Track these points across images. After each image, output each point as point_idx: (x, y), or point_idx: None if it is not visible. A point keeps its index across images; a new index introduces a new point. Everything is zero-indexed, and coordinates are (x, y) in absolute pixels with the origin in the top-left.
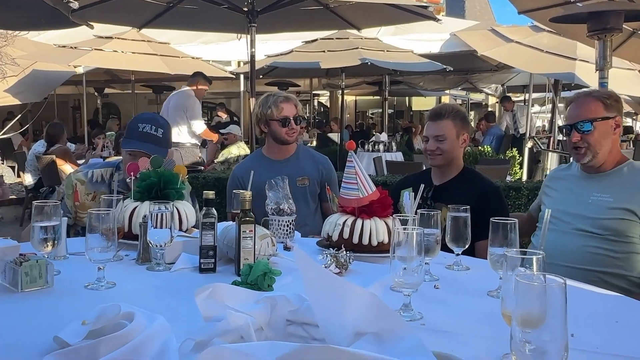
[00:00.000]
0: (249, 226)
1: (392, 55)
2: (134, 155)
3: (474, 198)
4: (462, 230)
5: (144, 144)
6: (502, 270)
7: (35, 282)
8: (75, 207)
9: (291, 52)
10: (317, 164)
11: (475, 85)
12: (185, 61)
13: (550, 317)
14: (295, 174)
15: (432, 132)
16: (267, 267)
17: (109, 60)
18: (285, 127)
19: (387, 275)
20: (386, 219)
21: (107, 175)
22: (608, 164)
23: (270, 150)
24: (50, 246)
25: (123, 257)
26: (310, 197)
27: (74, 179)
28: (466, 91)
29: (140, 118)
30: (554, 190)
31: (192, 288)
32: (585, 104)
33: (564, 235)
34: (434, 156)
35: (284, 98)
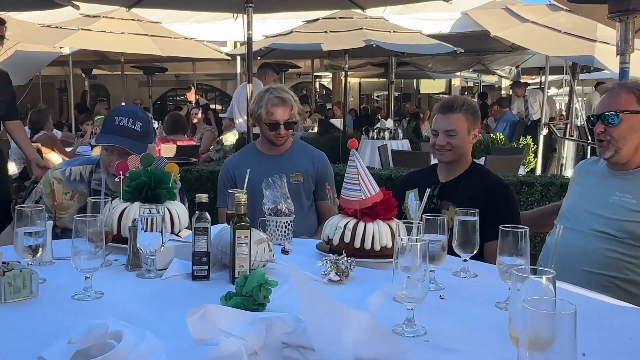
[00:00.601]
0: (244, 232)
1: (399, 36)
2: (110, 150)
3: (482, 196)
4: (470, 235)
5: (119, 137)
6: (511, 283)
7: (19, 293)
8: (54, 206)
9: (291, 32)
10: (312, 160)
11: (488, 67)
12: (178, 42)
13: (559, 342)
14: (289, 170)
15: (442, 126)
16: (263, 277)
17: (97, 42)
18: (273, 131)
19: (389, 282)
20: (390, 221)
21: (87, 173)
22: (634, 162)
23: (264, 144)
24: (35, 253)
25: (112, 263)
26: (304, 194)
27: (51, 177)
28: (478, 73)
29: (118, 111)
30: (578, 185)
31: (184, 298)
32: (616, 94)
33: (580, 235)
34: (443, 152)
35: (278, 100)
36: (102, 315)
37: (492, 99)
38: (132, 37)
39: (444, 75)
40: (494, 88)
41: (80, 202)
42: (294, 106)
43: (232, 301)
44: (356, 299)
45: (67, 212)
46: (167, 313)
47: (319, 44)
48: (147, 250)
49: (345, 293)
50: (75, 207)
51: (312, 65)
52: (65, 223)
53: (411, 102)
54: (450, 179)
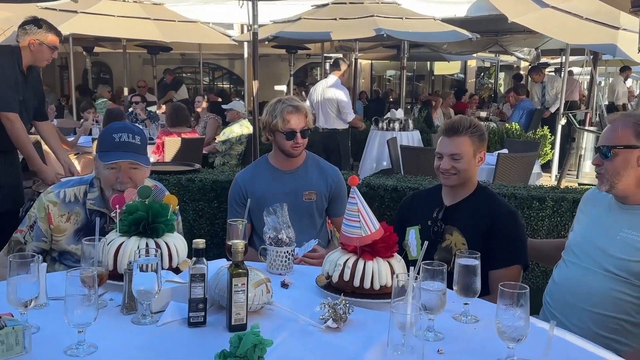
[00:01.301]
0: (242, 279)
1: (411, 23)
2: (116, 168)
3: (488, 222)
4: (472, 279)
5: (124, 153)
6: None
7: (11, 350)
8: (50, 230)
9: (299, 19)
10: (326, 177)
11: (506, 49)
12: (182, 26)
13: None
14: (302, 188)
15: (446, 149)
16: (257, 338)
17: (97, 27)
18: (291, 140)
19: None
20: (390, 259)
21: (81, 193)
22: (638, 197)
23: (277, 159)
24: (29, 305)
25: (107, 304)
26: (317, 213)
27: (45, 201)
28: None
29: (113, 128)
30: (585, 216)
31: (178, 349)
32: (614, 127)
33: (588, 273)
34: (448, 175)
35: (292, 108)
36: None
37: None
38: (134, 21)
39: (459, 57)
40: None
41: (77, 224)
42: (308, 114)
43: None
44: (353, 350)
45: (63, 234)
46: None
47: (328, 33)
48: (142, 297)
49: (343, 343)
50: (72, 229)
51: (322, 47)
52: (63, 245)
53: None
54: (454, 202)
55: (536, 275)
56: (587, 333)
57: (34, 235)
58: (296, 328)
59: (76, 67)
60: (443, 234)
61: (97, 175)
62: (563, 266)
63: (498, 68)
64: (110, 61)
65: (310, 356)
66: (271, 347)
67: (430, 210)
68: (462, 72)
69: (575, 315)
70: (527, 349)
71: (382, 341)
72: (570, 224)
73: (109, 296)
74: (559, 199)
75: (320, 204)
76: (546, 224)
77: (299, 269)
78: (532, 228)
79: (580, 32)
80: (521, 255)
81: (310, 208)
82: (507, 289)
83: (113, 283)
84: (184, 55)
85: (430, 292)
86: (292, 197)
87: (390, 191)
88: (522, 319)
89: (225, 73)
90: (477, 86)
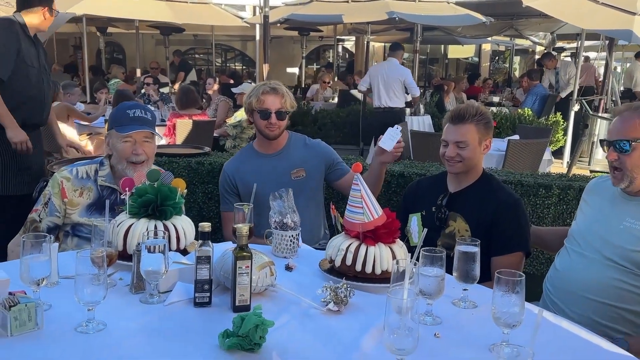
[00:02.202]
0: (246, 262)
1: (424, 6)
2: (131, 141)
3: (491, 209)
4: (471, 266)
5: (140, 126)
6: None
7: (24, 326)
8: (64, 204)
9: (311, 1)
10: (312, 151)
11: (521, 33)
12: (194, 7)
13: None
14: (288, 167)
15: (452, 137)
16: (259, 319)
17: (110, 8)
18: (265, 120)
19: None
20: (392, 245)
21: (92, 171)
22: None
23: (260, 143)
24: (41, 283)
25: (116, 283)
26: (310, 189)
27: (59, 177)
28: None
29: (126, 105)
30: (588, 206)
31: (185, 328)
32: (629, 119)
33: (590, 263)
34: (453, 163)
35: (269, 89)
36: (104, 350)
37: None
38: (147, 3)
39: (473, 41)
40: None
41: (90, 199)
42: (286, 97)
43: (229, 341)
44: (352, 334)
45: (76, 208)
46: (167, 344)
47: (340, 15)
48: (150, 277)
49: (342, 325)
50: (85, 203)
51: (335, 29)
52: (76, 218)
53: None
54: (459, 189)
55: (540, 262)
56: (586, 321)
57: (48, 211)
58: (298, 310)
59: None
60: (447, 220)
61: (109, 152)
62: (565, 254)
63: (513, 52)
64: (124, 42)
65: (310, 337)
66: (273, 328)
67: (435, 196)
68: (477, 56)
69: (575, 303)
70: (522, 335)
71: (380, 325)
72: (576, 211)
73: (119, 275)
74: (566, 187)
75: (313, 179)
76: (552, 211)
77: (304, 252)
78: (538, 216)
79: (596, 17)
80: (523, 242)
81: (301, 186)
82: (503, 276)
83: (123, 263)
84: (196, 36)
85: (429, 277)
86: (281, 178)
87: (397, 177)
88: (517, 305)
89: (237, 54)
90: (491, 70)
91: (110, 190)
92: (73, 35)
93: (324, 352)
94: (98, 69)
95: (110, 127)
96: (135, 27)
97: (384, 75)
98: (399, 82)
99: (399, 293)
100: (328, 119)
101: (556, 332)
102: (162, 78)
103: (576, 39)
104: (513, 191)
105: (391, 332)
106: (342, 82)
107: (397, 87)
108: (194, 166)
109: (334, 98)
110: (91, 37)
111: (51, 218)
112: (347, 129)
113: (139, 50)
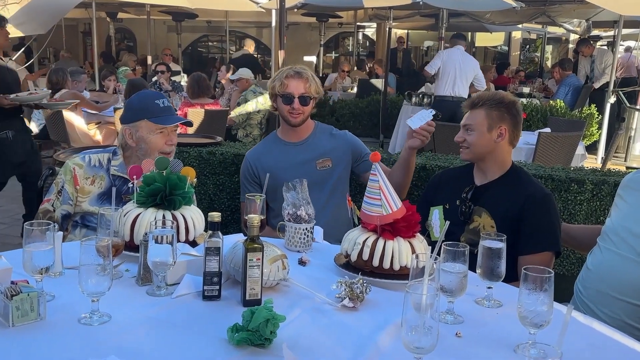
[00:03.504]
0: (257, 254)
1: None
2: (164, 132)
3: (519, 204)
4: (496, 262)
5: (174, 116)
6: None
7: (26, 316)
8: (76, 191)
9: None
10: (340, 141)
11: (554, 20)
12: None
13: None
14: (314, 157)
15: (463, 121)
16: (270, 313)
17: None
18: (288, 105)
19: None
20: (411, 239)
21: (105, 160)
22: None
23: (284, 132)
24: (44, 272)
25: (123, 274)
26: (336, 180)
27: (72, 164)
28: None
29: (151, 95)
30: (623, 202)
31: (192, 321)
32: None
33: (623, 261)
34: (462, 149)
35: (294, 73)
36: (108, 342)
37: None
38: None
39: (502, 28)
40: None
41: (101, 188)
42: (311, 82)
43: (239, 336)
44: (367, 331)
45: (87, 196)
46: (174, 338)
47: (360, 0)
48: (157, 268)
49: (357, 323)
50: (96, 191)
51: (355, 15)
52: (86, 206)
53: None
54: (485, 182)
55: (571, 262)
56: (618, 323)
57: (62, 199)
58: (311, 305)
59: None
60: (471, 215)
61: (131, 144)
62: (598, 252)
63: (545, 40)
64: (135, 28)
65: (323, 334)
66: (284, 323)
67: (459, 189)
68: (506, 44)
69: (607, 305)
70: (549, 337)
71: (397, 323)
72: (610, 208)
73: (125, 267)
74: (599, 182)
75: (340, 170)
76: (584, 208)
77: (318, 246)
78: (570, 212)
79: (635, 3)
80: (553, 241)
81: (326, 177)
82: (530, 273)
83: (129, 254)
84: (209, 22)
85: (451, 273)
86: (306, 168)
87: (418, 169)
88: (545, 304)
89: None
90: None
91: (122, 180)
92: (82, 21)
93: (337, 349)
94: (109, 56)
95: (136, 117)
96: (146, 12)
97: (460, 64)
98: (472, 73)
99: (418, 289)
100: (347, 109)
101: (586, 333)
102: (174, 66)
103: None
104: (543, 185)
105: (409, 329)
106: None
107: (470, 77)
108: (205, 156)
109: (353, 88)
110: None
111: (65, 206)
112: (367, 120)
113: (150, 36)
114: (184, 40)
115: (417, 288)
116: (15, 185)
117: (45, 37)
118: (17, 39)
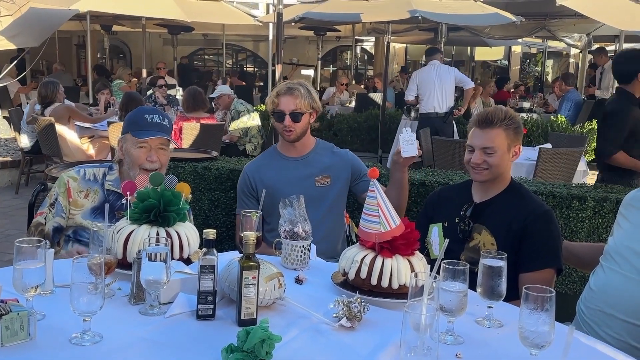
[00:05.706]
0: (252, 272)
1: (450, 5)
2: (146, 147)
3: (520, 221)
4: (497, 281)
5: (158, 132)
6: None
7: (16, 336)
8: (69, 204)
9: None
10: (341, 158)
11: (554, 34)
12: (205, 5)
13: None
14: (314, 173)
15: (479, 142)
16: (265, 333)
17: (113, 5)
18: (280, 122)
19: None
20: (411, 257)
21: (100, 174)
22: None
23: (284, 146)
24: (35, 291)
25: (115, 293)
26: (334, 198)
27: (66, 177)
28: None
29: (144, 110)
30: (626, 221)
31: (185, 342)
32: None
33: (627, 281)
34: (479, 170)
35: (285, 90)
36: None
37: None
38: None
39: (502, 42)
40: (562, 55)
41: (94, 202)
42: (303, 98)
43: (233, 356)
44: (366, 352)
45: (80, 209)
46: (167, 358)
47: (359, 14)
48: (150, 287)
49: (355, 343)
50: (89, 205)
51: (354, 29)
52: (79, 220)
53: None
54: (485, 200)
55: (573, 280)
56: (622, 345)
57: (54, 212)
58: (308, 325)
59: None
60: (471, 232)
61: (121, 157)
62: (600, 272)
63: (545, 55)
64: (130, 41)
65: (320, 355)
66: (280, 344)
67: (458, 206)
68: (506, 59)
69: (611, 326)
70: (551, 358)
71: (396, 343)
72: (612, 225)
73: (117, 285)
74: (602, 199)
75: (338, 188)
76: (586, 225)
77: (315, 264)
78: (571, 230)
79: (636, 18)
80: (554, 259)
81: (325, 193)
82: (531, 292)
83: (122, 272)
84: (206, 36)
85: (450, 292)
86: (305, 183)
87: (417, 185)
88: (546, 324)
89: (249, 55)
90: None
91: (116, 195)
92: (76, 33)
93: None
94: (103, 69)
95: (125, 130)
96: (141, 25)
97: (435, 79)
98: (452, 82)
99: (417, 308)
100: (344, 123)
101: (589, 354)
102: (169, 79)
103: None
104: (544, 202)
105: (408, 350)
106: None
107: (450, 87)
108: (200, 171)
109: (351, 102)
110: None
111: (57, 218)
112: (365, 134)
113: (145, 50)
114: (179, 54)
115: (416, 307)
116: (5, 200)
117: (38, 50)
118: (16, 51)
